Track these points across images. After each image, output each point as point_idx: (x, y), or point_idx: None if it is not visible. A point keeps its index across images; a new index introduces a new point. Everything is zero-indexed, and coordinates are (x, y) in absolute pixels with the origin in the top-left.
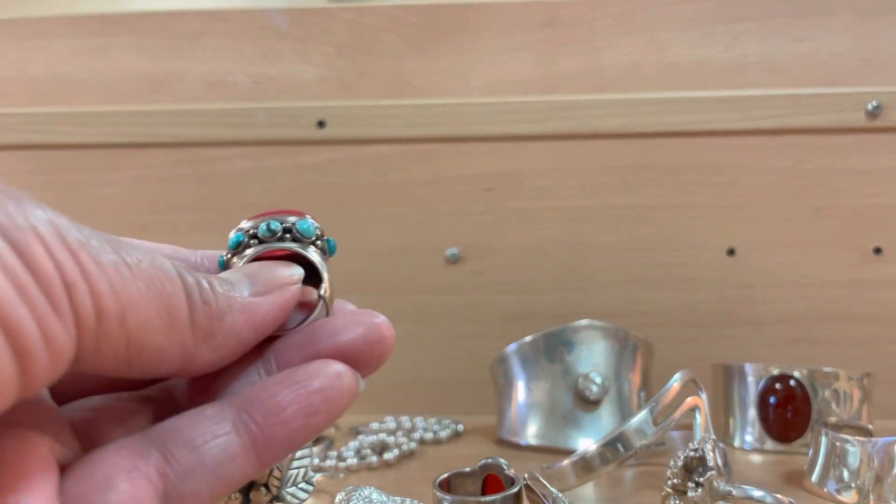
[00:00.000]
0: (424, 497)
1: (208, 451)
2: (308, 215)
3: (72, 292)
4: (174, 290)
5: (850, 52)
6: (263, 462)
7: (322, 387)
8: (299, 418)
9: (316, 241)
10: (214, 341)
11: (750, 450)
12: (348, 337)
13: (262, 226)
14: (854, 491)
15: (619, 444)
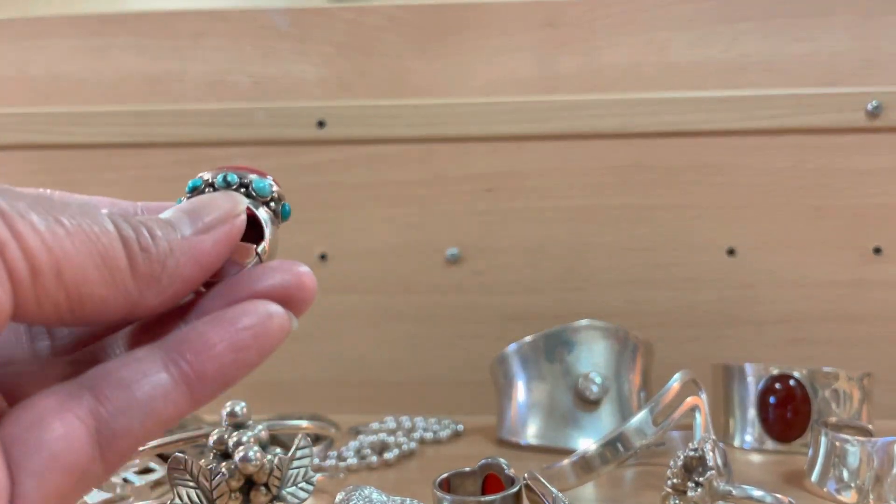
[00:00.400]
0: (424, 497)
1: (140, 389)
2: (270, 177)
3: (3, 251)
4: (110, 242)
5: (851, 52)
6: (197, 398)
7: (251, 324)
8: (229, 353)
9: (270, 201)
10: (159, 286)
11: (750, 450)
12: (268, 283)
13: (220, 176)
14: (854, 491)
15: (619, 444)
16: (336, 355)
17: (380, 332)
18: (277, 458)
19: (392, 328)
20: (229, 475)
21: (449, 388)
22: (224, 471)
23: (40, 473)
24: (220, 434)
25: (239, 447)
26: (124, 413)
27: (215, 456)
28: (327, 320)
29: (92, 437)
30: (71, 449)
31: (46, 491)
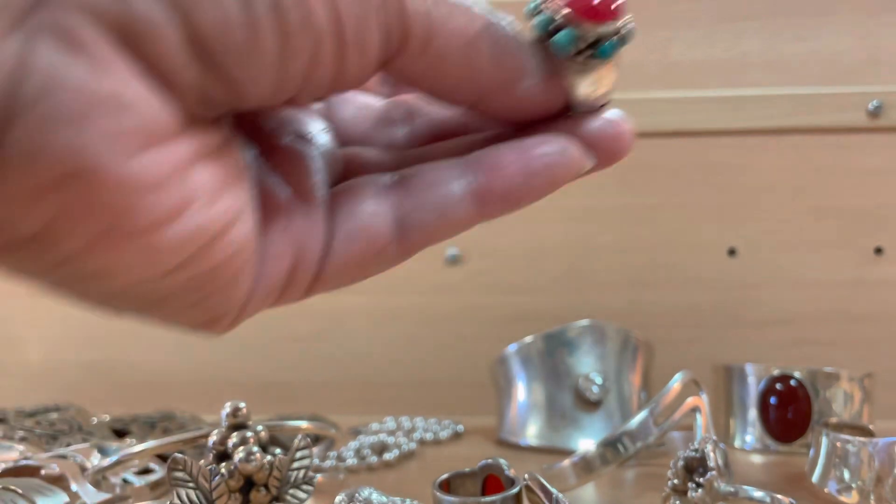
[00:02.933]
0: (424, 498)
1: (437, 191)
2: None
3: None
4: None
5: (852, 51)
6: (483, 212)
7: (545, 152)
8: (518, 176)
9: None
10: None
11: (751, 450)
12: (585, 128)
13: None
14: (855, 491)
15: (620, 444)
16: (336, 355)
17: (380, 332)
18: (277, 459)
19: (392, 328)
20: (229, 476)
21: (449, 388)
22: (224, 471)
23: (350, 237)
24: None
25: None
26: (422, 208)
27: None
28: (327, 320)
29: (394, 223)
30: (377, 225)
31: (351, 253)
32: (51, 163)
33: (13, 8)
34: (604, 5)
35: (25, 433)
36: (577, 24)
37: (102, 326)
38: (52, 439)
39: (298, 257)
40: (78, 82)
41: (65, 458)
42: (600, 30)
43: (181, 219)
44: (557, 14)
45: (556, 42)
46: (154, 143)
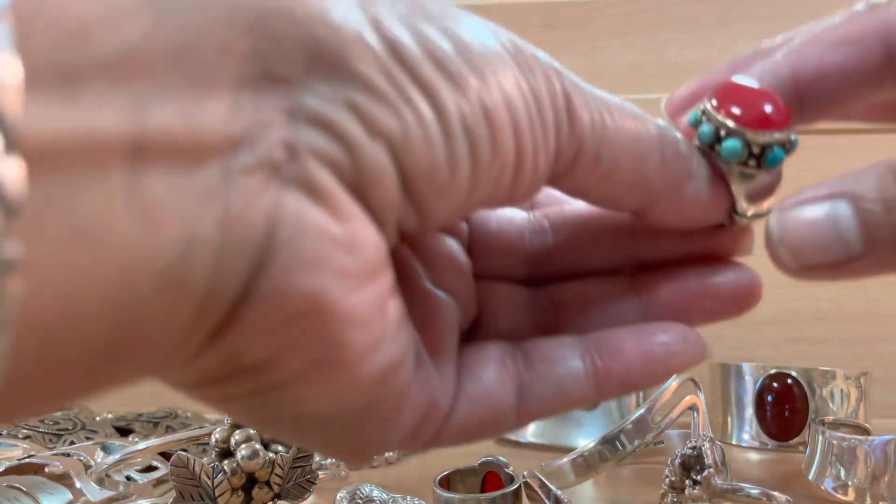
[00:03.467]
0: (425, 495)
1: (557, 368)
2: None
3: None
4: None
5: None
6: (601, 392)
7: (665, 341)
8: (638, 362)
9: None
10: (686, 180)
11: (747, 448)
12: (719, 280)
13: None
14: (851, 489)
15: (618, 442)
16: None
17: None
18: (279, 457)
19: None
20: (231, 473)
21: None
22: (226, 469)
23: (474, 400)
24: (223, 432)
25: (241, 445)
26: (541, 382)
27: (217, 454)
28: None
29: (515, 392)
30: (501, 393)
31: (474, 416)
32: (296, 300)
33: (271, 164)
34: (774, 114)
35: (29, 431)
36: (746, 133)
37: None
38: (56, 437)
39: (429, 410)
40: (322, 227)
41: (68, 456)
42: (769, 138)
43: (377, 352)
44: (726, 123)
45: (725, 150)
46: (370, 279)
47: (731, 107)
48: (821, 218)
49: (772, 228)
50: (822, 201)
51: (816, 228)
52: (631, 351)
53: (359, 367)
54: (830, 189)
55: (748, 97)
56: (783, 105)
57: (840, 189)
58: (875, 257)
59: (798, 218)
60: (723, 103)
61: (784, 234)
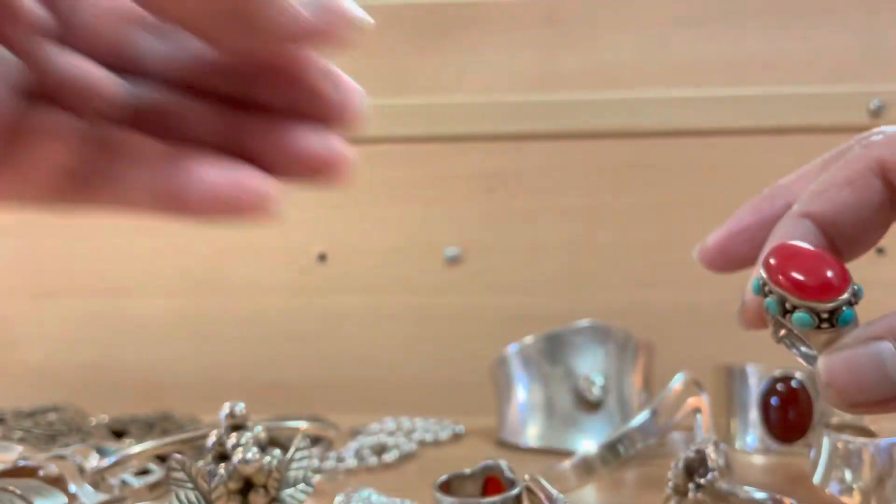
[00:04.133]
0: (424, 499)
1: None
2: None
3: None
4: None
5: (853, 50)
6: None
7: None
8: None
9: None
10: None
11: (752, 451)
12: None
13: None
14: (857, 492)
15: (621, 445)
16: (336, 355)
17: (380, 332)
18: (276, 460)
19: (392, 328)
20: (228, 477)
21: (449, 388)
22: (222, 472)
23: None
24: (219, 435)
25: (237, 448)
26: (104, 177)
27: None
28: (327, 320)
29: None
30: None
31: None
32: None
33: None
34: (835, 278)
35: (24, 434)
36: (813, 304)
37: (101, 327)
38: (51, 440)
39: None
40: None
41: (63, 459)
42: (834, 305)
43: None
44: (788, 296)
45: (797, 321)
46: None
47: (791, 274)
48: (865, 360)
49: (819, 371)
50: (867, 343)
51: (862, 370)
52: (206, 179)
53: None
54: (873, 332)
55: (805, 263)
56: (839, 264)
57: (882, 331)
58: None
59: (845, 362)
60: (782, 270)
61: (831, 378)
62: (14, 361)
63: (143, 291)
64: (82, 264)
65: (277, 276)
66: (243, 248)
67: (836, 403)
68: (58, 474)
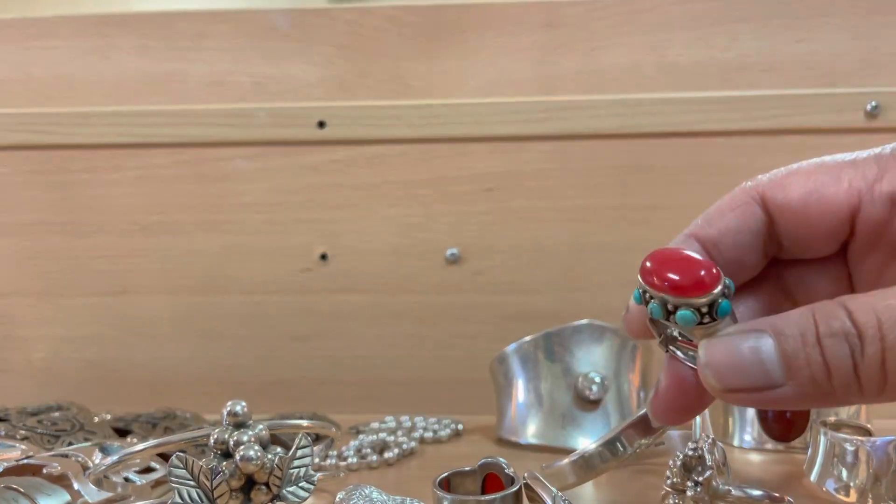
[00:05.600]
0: (424, 496)
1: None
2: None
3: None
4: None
5: (850, 52)
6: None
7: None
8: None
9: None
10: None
11: (749, 449)
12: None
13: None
14: (853, 490)
15: (619, 443)
16: (336, 355)
17: (380, 332)
18: (278, 458)
19: (392, 328)
20: (230, 474)
21: (449, 387)
22: (225, 470)
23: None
24: (221, 433)
25: (239, 446)
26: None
27: (216, 455)
28: (329, 319)
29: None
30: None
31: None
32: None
33: None
34: (708, 277)
35: (27, 432)
36: (692, 300)
37: (105, 326)
38: (54, 438)
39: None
40: None
41: (67, 457)
42: (710, 298)
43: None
44: (668, 297)
45: (681, 319)
46: None
47: (667, 276)
48: (745, 348)
49: (700, 353)
50: (749, 333)
51: (741, 356)
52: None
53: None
54: (757, 325)
55: (677, 266)
56: (709, 263)
57: (765, 325)
58: (795, 386)
59: (725, 346)
60: (658, 274)
61: (710, 359)
62: (18, 360)
63: (146, 290)
64: (86, 263)
65: (279, 275)
66: (246, 248)
67: (712, 385)
68: (61, 472)
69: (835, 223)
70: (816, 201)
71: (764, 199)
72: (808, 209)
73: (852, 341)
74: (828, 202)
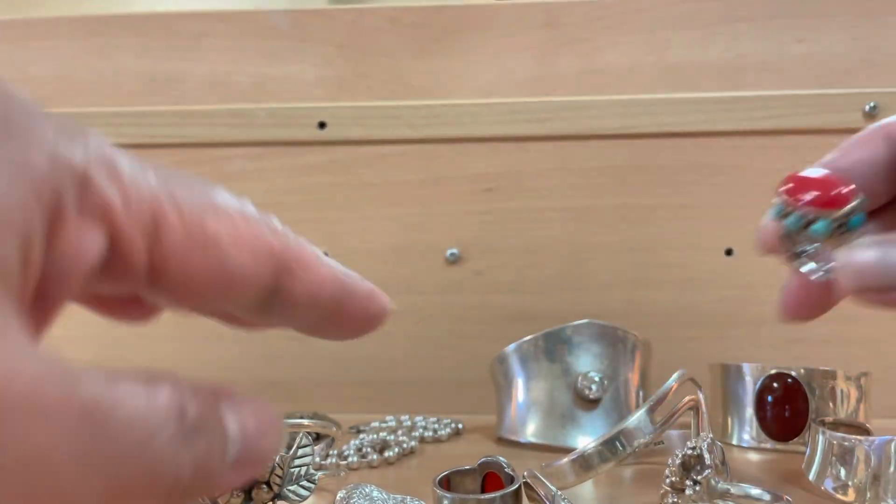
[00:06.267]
0: (424, 495)
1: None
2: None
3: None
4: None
5: (849, 52)
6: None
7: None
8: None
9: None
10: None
11: (748, 448)
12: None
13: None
14: (851, 489)
15: (618, 442)
16: (336, 355)
17: (381, 330)
18: (279, 457)
19: (393, 327)
20: None
21: (449, 387)
22: None
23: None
24: None
25: None
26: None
27: None
28: None
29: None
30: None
31: None
32: None
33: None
34: (844, 193)
35: None
36: (829, 213)
37: (103, 326)
38: None
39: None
40: None
41: None
42: (846, 210)
43: None
44: (807, 210)
45: (815, 231)
46: None
47: (806, 193)
48: (879, 252)
49: (838, 258)
50: (880, 243)
51: (874, 259)
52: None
53: None
54: (887, 236)
55: (817, 184)
56: (844, 181)
57: (891, 238)
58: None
59: (860, 251)
60: (796, 192)
61: (849, 261)
62: None
63: None
64: None
65: None
66: None
67: (848, 286)
68: None
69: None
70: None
71: (891, 136)
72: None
73: None
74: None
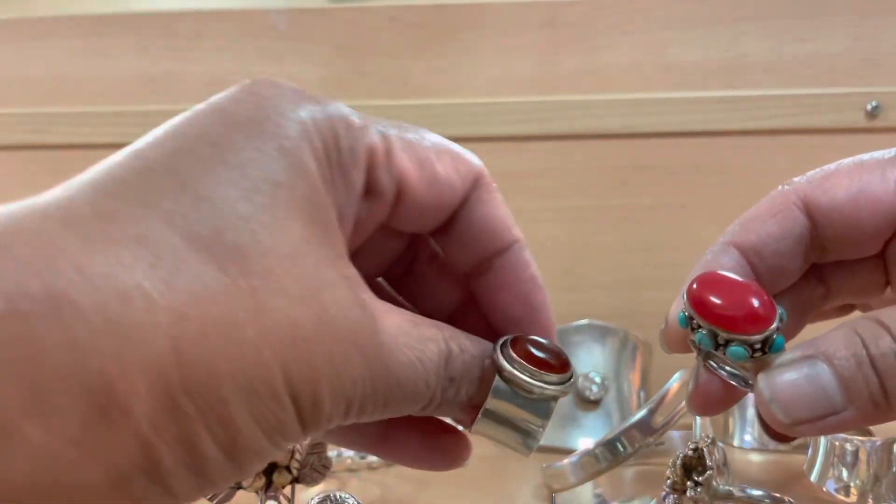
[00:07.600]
0: (424, 495)
1: None
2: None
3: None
4: None
5: (850, 52)
6: None
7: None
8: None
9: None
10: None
11: (749, 449)
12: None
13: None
14: (853, 490)
15: (619, 443)
16: None
17: None
18: (298, 445)
19: None
20: None
21: None
22: None
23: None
24: None
25: None
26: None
27: None
28: None
29: None
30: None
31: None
32: None
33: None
34: (762, 310)
35: None
36: (745, 337)
37: None
38: None
39: None
40: None
41: None
42: (765, 335)
43: None
44: (719, 331)
45: (733, 354)
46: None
47: (719, 308)
48: (803, 378)
49: (762, 389)
50: (801, 363)
51: (801, 387)
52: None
53: None
54: (804, 352)
55: (732, 295)
56: (763, 293)
57: (814, 351)
58: (856, 410)
59: (784, 379)
60: (709, 303)
61: (774, 394)
62: None
63: None
64: None
65: None
66: None
67: (778, 420)
68: None
69: (884, 223)
70: (865, 201)
71: (806, 203)
72: (857, 210)
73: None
74: (877, 202)
